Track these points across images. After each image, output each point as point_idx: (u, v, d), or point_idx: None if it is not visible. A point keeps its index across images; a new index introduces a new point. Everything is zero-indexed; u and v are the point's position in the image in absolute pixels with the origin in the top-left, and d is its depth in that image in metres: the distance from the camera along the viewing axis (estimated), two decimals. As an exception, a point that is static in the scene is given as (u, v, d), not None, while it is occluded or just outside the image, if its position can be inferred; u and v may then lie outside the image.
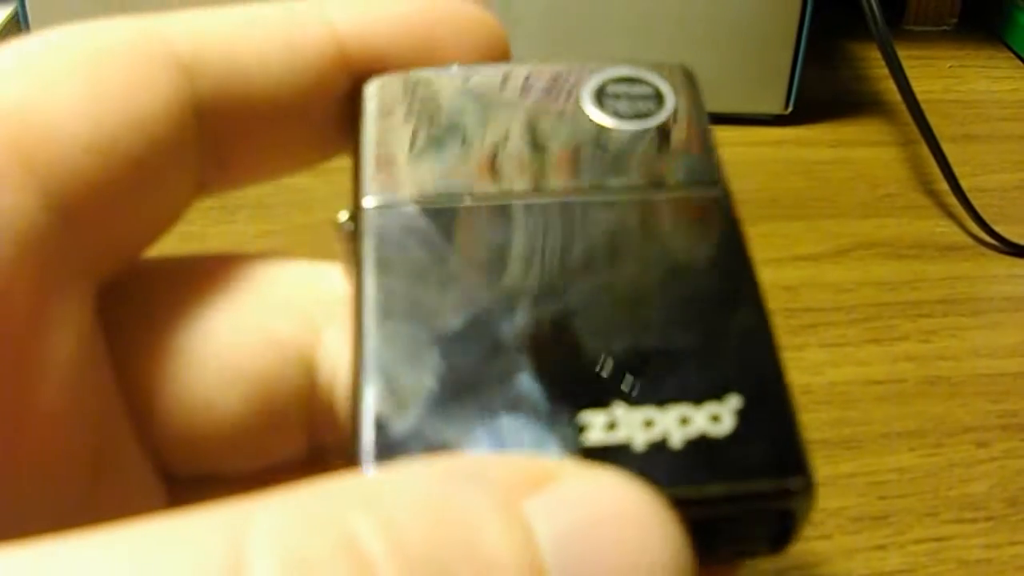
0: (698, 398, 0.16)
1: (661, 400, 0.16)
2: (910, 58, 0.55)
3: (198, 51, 0.18)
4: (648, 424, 0.16)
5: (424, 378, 0.16)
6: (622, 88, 0.20)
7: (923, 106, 0.47)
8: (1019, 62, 0.57)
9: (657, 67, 0.20)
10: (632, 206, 0.18)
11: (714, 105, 0.48)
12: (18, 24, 0.51)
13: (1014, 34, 0.58)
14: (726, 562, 0.17)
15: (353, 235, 0.18)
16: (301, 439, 0.20)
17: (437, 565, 0.12)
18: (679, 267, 0.17)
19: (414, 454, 0.15)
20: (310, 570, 0.11)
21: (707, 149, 0.19)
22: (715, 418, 0.16)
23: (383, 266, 0.17)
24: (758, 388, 0.16)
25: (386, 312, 0.17)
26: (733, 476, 0.15)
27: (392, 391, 0.16)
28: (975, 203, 0.44)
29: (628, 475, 0.14)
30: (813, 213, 0.45)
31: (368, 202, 0.18)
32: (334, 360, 0.19)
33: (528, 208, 0.18)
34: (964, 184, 0.45)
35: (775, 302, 0.39)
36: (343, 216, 0.18)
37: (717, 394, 0.16)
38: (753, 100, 0.50)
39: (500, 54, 0.20)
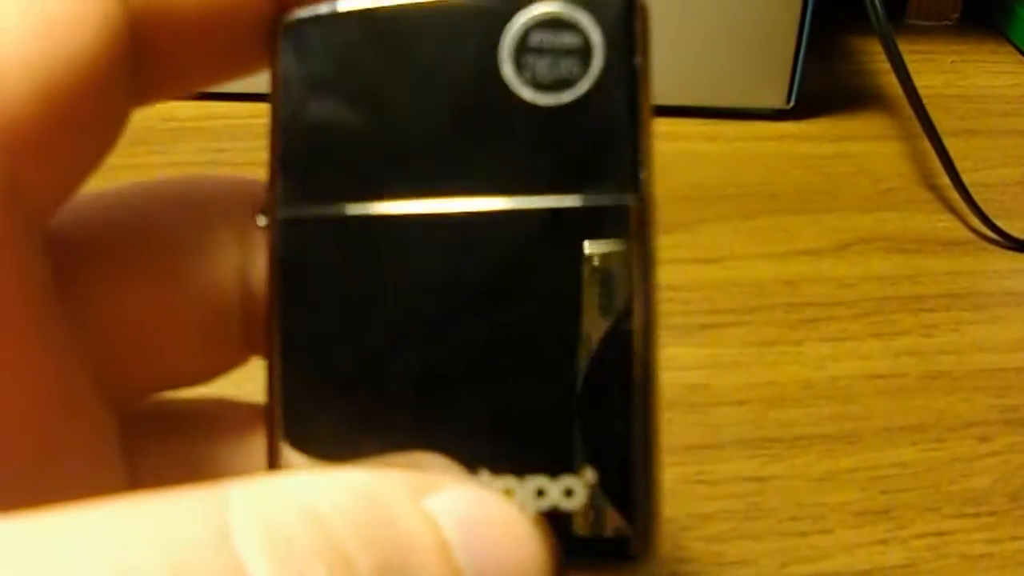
0: (554, 470, 0.16)
1: (520, 471, 0.16)
2: (912, 53, 0.55)
3: None
4: (507, 494, 0.16)
5: (318, 423, 0.17)
6: (547, 38, 0.17)
7: (924, 101, 0.47)
8: (1021, 57, 0.57)
9: (593, 4, 0.17)
10: (530, 218, 0.17)
11: (716, 99, 0.49)
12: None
13: (1016, 29, 0.58)
14: None
15: (269, 236, 0.18)
16: (241, 350, 0.21)
17: (369, 540, 0.14)
18: (564, 307, 0.17)
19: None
20: (281, 535, 0.13)
21: (630, 137, 0.17)
22: (568, 492, 0.16)
23: (289, 297, 0.17)
24: (614, 463, 0.16)
25: (288, 351, 0.17)
26: (577, 553, 0.16)
27: (290, 437, 0.17)
28: (977, 198, 0.44)
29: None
30: (814, 207, 0.45)
31: (280, 211, 0.18)
32: (262, 268, 0.19)
33: (430, 220, 0.17)
34: (966, 179, 0.44)
35: (776, 296, 0.39)
36: (261, 220, 0.18)
37: (573, 467, 0.16)
38: (755, 95, 0.50)
39: None
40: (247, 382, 0.20)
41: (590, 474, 0.16)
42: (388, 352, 0.17)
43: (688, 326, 0.38)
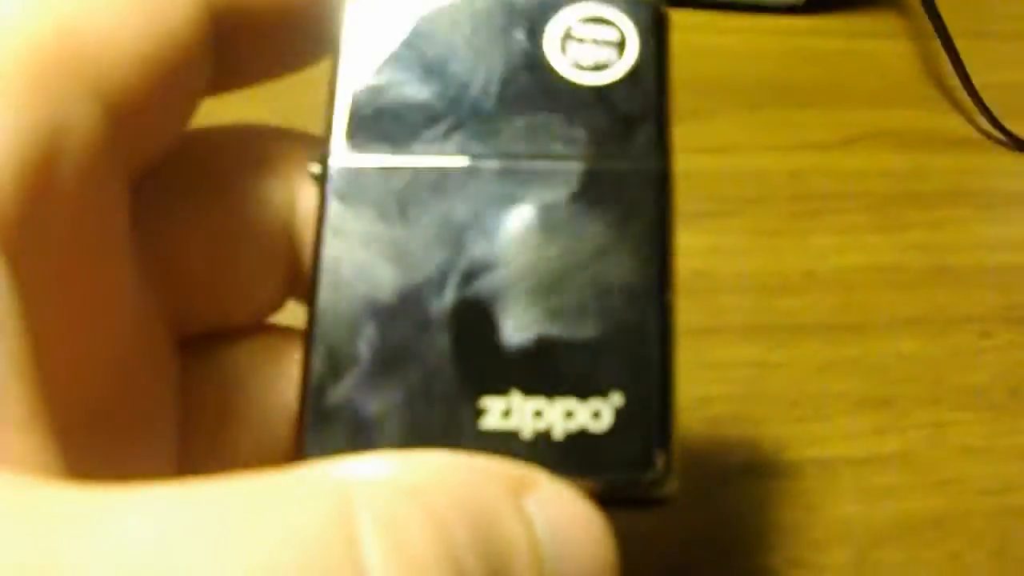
0: (584, 393, 0.17)
1: (551, 393, 0.17)
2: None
3: None
4: (537, 414, 0.17)
5: (359, 349, 0.18)
6: (587, 31, 0.19)
7: (939, 1, 0.46)
8: (1037, -38, 0.57)
9: (631, 6, 0.20)
10: (569, 177, 0.19)
11: (729, -9, 0.47)
12: None
13: (1032, -67, 0.57)
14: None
15: (320, 182, 0.19)
16: (283, 293, 0.22)
17: (481, 547, 0.14)
18: (597, 252, 0.18)
19: (343, 423, 0.17)
20: (405, 541, 0.13)
21: (657, 115, 0.19)
22: (596, 414, 0.17)
23: (338, 230, 0.18)
24: (641, 388, 0.17)
25: (334, 280, 0.18)
26: (602, 472, 0.17)
27: (330, 360, 0.18)
28: (986, 98, 0.43)
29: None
30: (823, 102, 0.44)
31: (333, 159, 0.19)
32: (306, 217, 0.21)
33: (473, 173, 0.19)
34: (975, 80, 0.44)
35: (782, 188, 0.39)
36: (314, 168, 0.19)
37: (602, 390, 0.17)
38: (767, -12, 0.49)
39: None
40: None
41: (617, 397, 0.17)
42: (428, 288, 0.18)
43: (693, 213, 0.38)
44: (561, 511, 0.16)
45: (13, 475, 0.14)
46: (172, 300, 0.21)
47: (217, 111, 0.21)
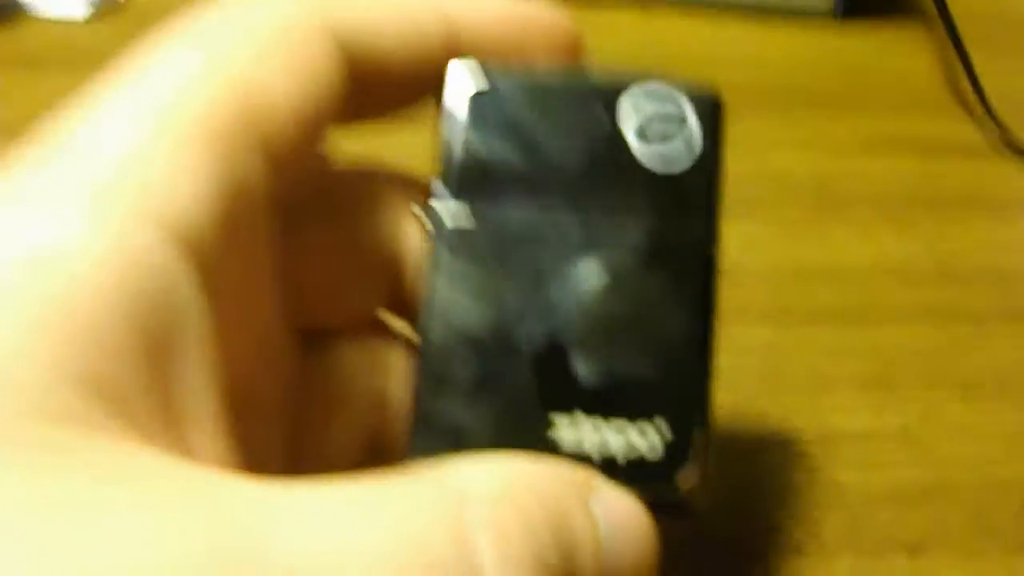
0: (635, 417, 0.21)
1: (607, 414, 0.21)
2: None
3: (348, 23, 0.22)
4: (596, 431, 0.21)
5: (457, 371, 0.22)
6: (659, 124, 0.23)
7: (965, 16, 0.50)
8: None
9: (696, 96, 0.23)
10: (635, 243, 0.22)
11: (765, 1, 0.51)
12: None
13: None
14: None
15: (428, 227, 0.23)
16: (383, 303, 0.26)
17: (555, 529, 0.18)
18: (654, 303, 0.22)
19: (443, 432, 0.21)
20: (508, 542, 0.17)
21: (711, 196, 0.23)
22: (643, 434, 0.21)
23: (443, 271, 0.22)
24: (682, 418, 0.21)
25: (441, 315, 0.22)
26: (645, 482, 0.21)
27: (434, 379, 0.22)
28: (998, 110, 0.47)
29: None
30: (849, 109, 0.48)
31: (439, 208, 0.23)
32: (410, 247, 0.24)
33: (557, 230, 0.22)
34: (991, 92, 0.48)
35: (806, 187, 0.43)
36: (421, 213, 0.23)
37: (650, 416, 0.21)
38: (803, -2, 0.53)
39: (574, 54, 0.25)
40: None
41: (662, 423, 0.21)
42: (515, 323, 0.22)
43: (725, 207, 0.42)
44: (618, 510, 0.20)
45: (217, 473, 0.17)
46: (293, 300, 0.24)
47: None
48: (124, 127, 0.19)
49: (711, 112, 0.23)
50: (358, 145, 0.25)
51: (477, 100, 0.23)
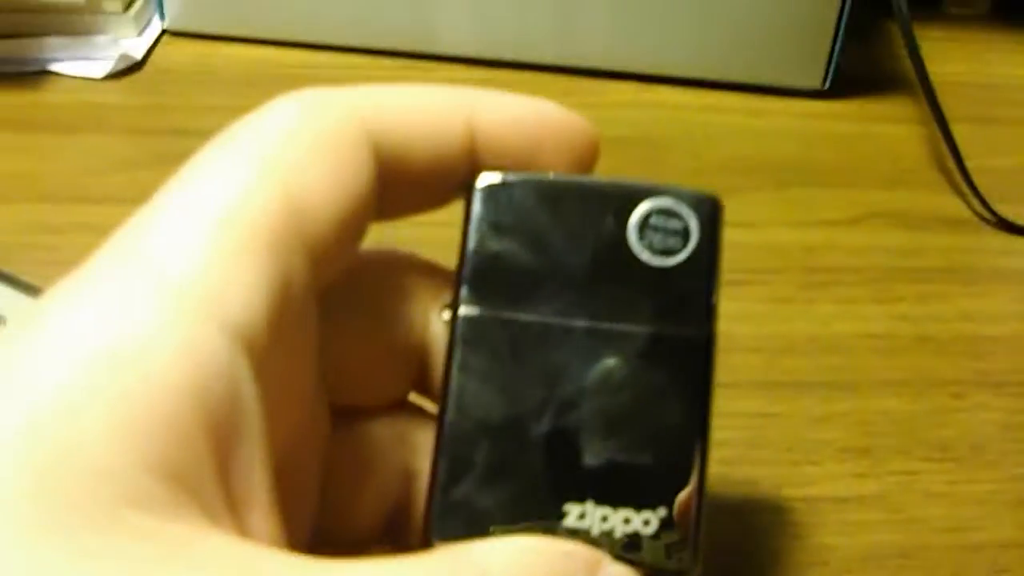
0: (639, 506, 0.23)
1: (615, 504, 0.23)
2: (944, 40, 0.61)
3: (380, 126, 0.24)
4: (603, 519, 0.23)
5: (475, 459, 0.23)
6: (660, 221, 0.25)
7: (949, 87, 0.53)
8: (1045, 49, 0.63)
9: (694, 199, 0.25)
10: (637, 338, 0.24)
11: (758, 78, 0.55)
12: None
13: (1043, 21, 0.63)
14: None
15: (451, 324, 0.24)
16: (411, 383, 0.27)
17: None
18: (657, 395, 0.24)
19: (463, 514, 0.23)
20: None
21: (708, 291, 0.25)
22: (646, 522, 0.23)
23: (462, 366, 0.24)
24: (679, 507, 0.23)
25: (458, 405, 0.24)
26: (646, 564, 0.23)
27: (453, 466, 0.23)
28: (980, 183, 0.50)
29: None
30: (837, 182, 0.51)
31: (461, 309, 0.24)
32: (436, 341, 0.26)
33: (567, 330, 0.24)
34: (973, 164, 0.51)
35: (796, 260, 0.46)
36: (446, 315, 0.25)
37: (652, 504, 0.23)
38: (794, 75, 0.56)
39: (591, 158, 0.26)
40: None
41: (662, 510, 0.23)
42: (529, 416, 0.24)
43: (722, 282, 0.45)
44: None
45: (273, 552, 0.19)
46: (327, 379, 0.26)
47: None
48: (188, 233, 0.20)
49: (710, 214, 0.25)
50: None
51: (493, 201, 0.25)
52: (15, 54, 0.56)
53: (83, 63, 0.56)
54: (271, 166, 0.22)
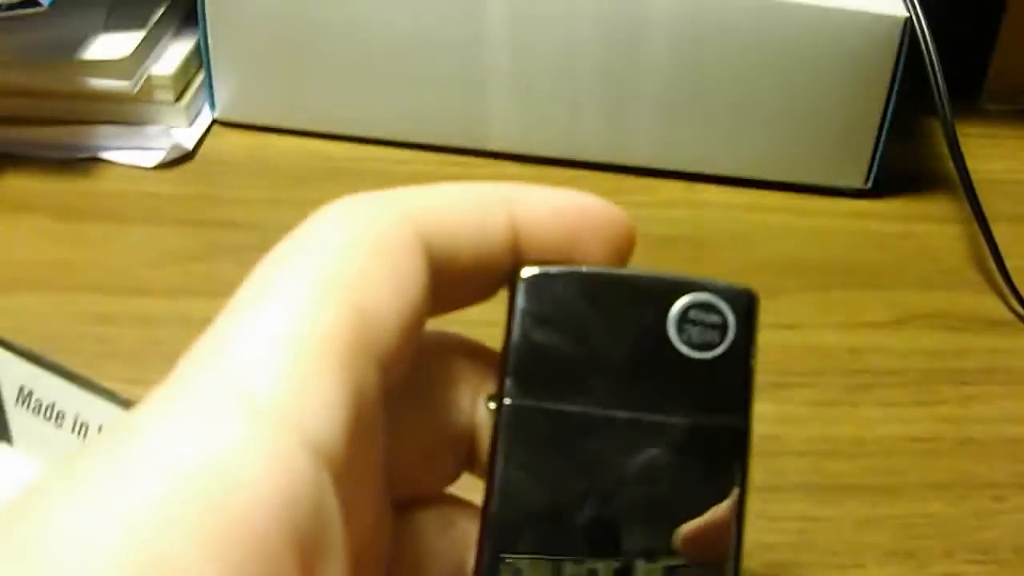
0: None
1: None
2: (984, 136, 0.63)
3: (429, 227, 0.24)
4: None
5: (519, 548, 0.24)
6: (698, 315, 0.25)
7: (989, 185, 0.54)
8: (1085, 144, 0.64)
9: (732, 293, 0.25)
10: (678, 430, 0.25)
11: (803, 177, 0.57)
12: (199, 57, 0.60)
13: (1082, 116, 0.64)
14: None
15: (496, 414, 0.25)
16: (463, 464, 0.28)
17: None
18: (692, 490, 0.25)
19: None
20: None
21: (745, 383, 0.25)
22: None
23: (507, 456, 0.25)
24: None
25: (504, 493, 0.25)
26: None
27: (498, 551, 0.24)
28: (1019, 282, 0.51)
29: None
30: (880, 284, 0.53)
31: (506, 400, 0.25)
32: (483, 422, 0.27)
33: (609, 421, 0.25)
34: (1013, 264, 0.52)
35: (840, 362, 0.47)
36: (491, 404, 0.26)
37: None
38: (838, 175, 0.57)
39: (628, 248, 0.27)
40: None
41: None
42: (572, 504, 0.24)
43: (766, 384, 0.45)
44: None
45: None
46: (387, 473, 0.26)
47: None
48: (266, 350, 0.21)
49: (746, 308, 0.25)
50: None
51: (536, 293, 0.25)
52: (67, 141, 0.57)
53: (134, 152, 0.58)
54: (335, 280, 0.22)
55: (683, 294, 0.25)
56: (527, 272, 0.26)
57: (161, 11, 0.59)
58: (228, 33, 0.58)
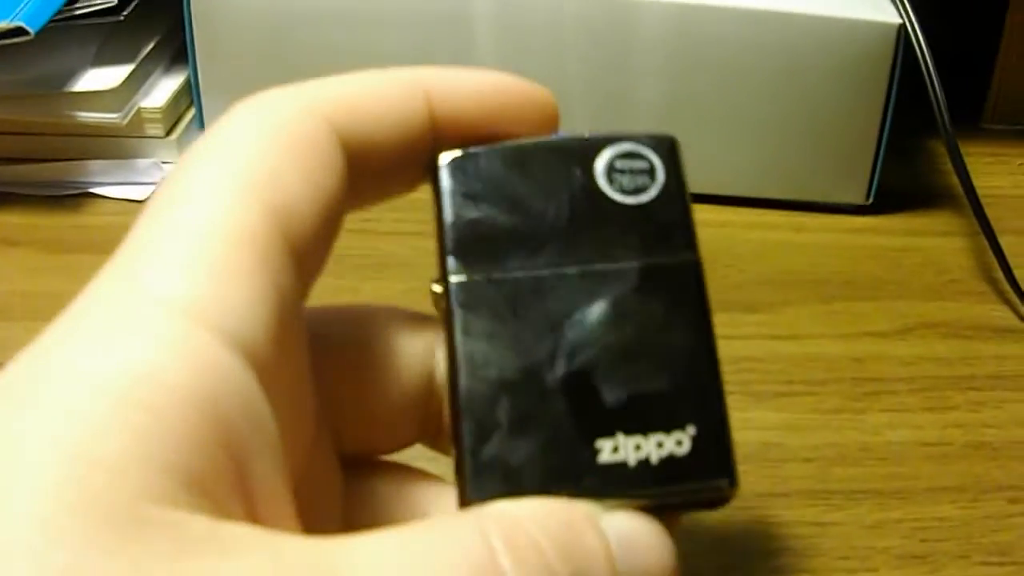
0: (668, 428, 0.24)
1: (645, 431, 0.24)
2: (985, 155, 0.62)
3: (342, 116, 0.24)
4: (637, 448, 0.23)
5: (498, 416, 0.24)
6: (624, 163, 0.26)
7: (992, 200, 0.53)
8: (1086, 161, 0.63)
9: (652, 139, 0.26)
10: (629, 274, 0.25)
11: (804, 194, 0.56)
12: (189, 92, 0.59)
13: (1083, 135, 0.63)
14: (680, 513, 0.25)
15: (443, 299, 0.25)
16: (416, 431, 0.28)
17: (565, 548, 0.21)
18: (659, 327, 0.24)
19: (497, 472, 0.23)
20: (518, 547, 0.20)
21: (686, 219, 0.26)
22: (679, 442, 0.24)
23: (466, 331, 0.24)
24: (707, 421, 0.24)
25: (470, 368, 0.24)
26: (689, 482, 0.24)
27: (478, 427, 0.24)
28: (1028, 291, 0.50)
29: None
30: (884, 295, 0.51)
31: (452, 278, 0.25)
32: (441, 374, 0.27)
33: (560, 279, 0.25)
34: (1019, 274, 0.51)
35: (844, 371, 0.46)
36: (436, 287, 0.25)
37: (680, 424, 0.24)
38: (837, 191, 0.57)
39: (552, 126, 0.27)
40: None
41: (691, 428, 0.24)
42: (542, 366, 0.24)
43: (767, 393, 0.45)
44: (629, 526, 0.22)
45: (301, 537, 0.20)
46: (335, 429, 0.26)
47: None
48: (181, 254, 0.21)
49: (669, 151, 0.26)
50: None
51: (460, 173, 0.26)
52: (57, 177, 0.57)
53: (125, 187, 0.57)
54: (247, 177, 0.22)
55: (604, 147, 0.26)
56: (446, 157, 0.26)
57: (151, 45, 0.59)
58: (218, 68, 0.58)
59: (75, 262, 0.52)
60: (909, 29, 0.52)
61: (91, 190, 0.57)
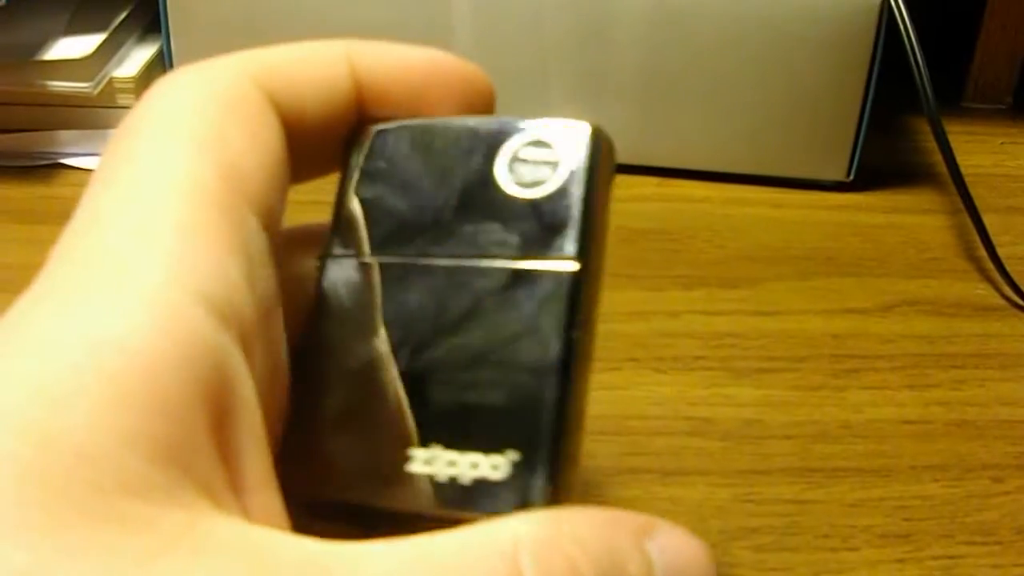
0: (487, 450, 0.21)
1: (462, 448, 0.22)
2: (966, 133, 0.61)
3: (273, 82, 0.24)
4: (451, 464, 0.22)
5: (329, 403, 0.23)
6: (530, 152, 0.24)
7: (974, 179, 0.53)
8: (1068, 140, 0.63)
9: (568, 129, 0.24)
10: (499, 274, 0.23)
11: (784, 170, 0.55)
12: (162, 62, 0.58)
13: (1065, 114, 0.63)
14: None
15: (318, 272, 0.24)
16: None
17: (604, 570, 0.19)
18: (511, 337, 0.22)
19: (311, 459, 0.22)
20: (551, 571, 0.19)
21: (577, 223, 0.23)
22: (495, 467, 0.21)
23: (324, 312, 0.24)
24: (532, 449, 0.21)
25: (316, 351, 0.23)
26: (493, 509, 0.21)
27: (307, 410, 0.23)
28: (1010, 269, 0.50)
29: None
30: (865, 272, 0.51)
31: (328, 256, 0.24)
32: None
33: (427, 270, 0.23)
34: (1003, 252, 0.50)
35: (825, 348, 0.45)
36: (316, 262, 0.25)
37: (502, 449, 0.21)
38: (819, 168, 0.56)
39: (485, 105, 0.26)
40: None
41: (513, 454, 0.21)
42: (385, 359, 0.23)
43: (747, 369, 0.44)
44: (677, 549, 0.20)
45: (289, 536, 0.18)
46: None
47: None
48: (147, 220, 0.20)
49: (583, 141, 0.23)
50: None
51: (367, 150, 0.25)
52: (27, 147, 0.56)
53: (96, 158, 0.56)
54: (197, 138, 0.21)
55: (515, 134, 0.24)
56: (359, 131, 0.25)
57: (124, 15, 0.58)
58: (192, 38, 0.56)
59: (46, 233, 0.49)
60: (892, 4, 0.51)
61: (62, 161, 0.56)
